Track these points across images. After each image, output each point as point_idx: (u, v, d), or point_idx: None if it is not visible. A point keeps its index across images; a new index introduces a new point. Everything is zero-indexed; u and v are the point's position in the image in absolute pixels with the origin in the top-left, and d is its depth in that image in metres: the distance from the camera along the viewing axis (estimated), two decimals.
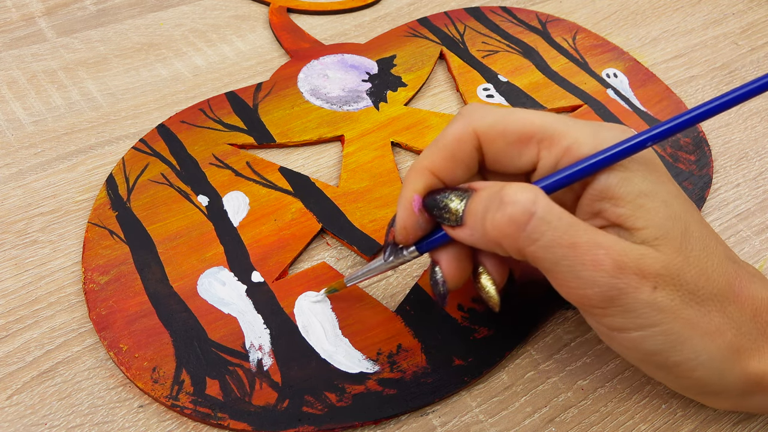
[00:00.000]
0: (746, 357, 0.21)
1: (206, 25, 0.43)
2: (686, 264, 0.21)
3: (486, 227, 0.21)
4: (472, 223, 0.22)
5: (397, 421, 0.25)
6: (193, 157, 0.34)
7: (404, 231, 0.23)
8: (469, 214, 0.22)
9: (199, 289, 0.28)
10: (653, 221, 0.21)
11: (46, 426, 0.24)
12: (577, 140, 0.22)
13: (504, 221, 0.21)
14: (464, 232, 0.22)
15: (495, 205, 0.21)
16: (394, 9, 0.46)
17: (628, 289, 0.20)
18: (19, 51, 0.40)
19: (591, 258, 0.20)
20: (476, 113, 0.23)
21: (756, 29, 0.46)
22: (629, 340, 0.22)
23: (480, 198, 0.22)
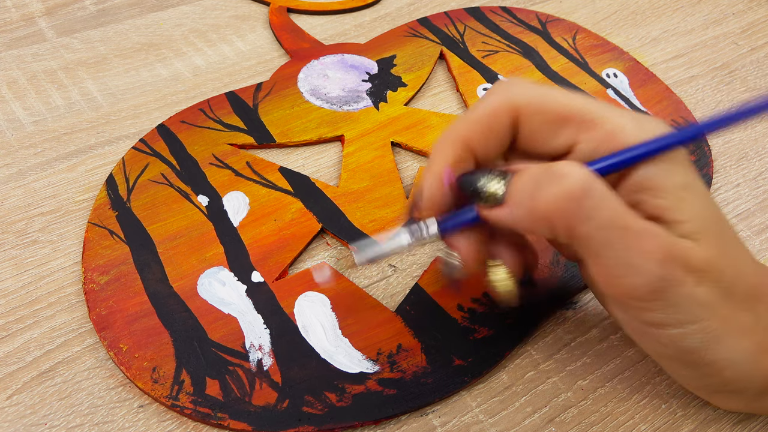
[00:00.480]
0: None
1: (206, 25, 0.43)
2: (725, 260, 0.21)
3: (537, 204, 0.20)
4: (518, 200, 0.21)
5: (397, 421, 0.25)
6: (193, 157, 0.34)
7: (430, 203, 0.22)
8: (515, 192, 0.21)
9: (199, 289, 0.28)
10: (695, 214, 0.20)
11: (46, 426, 0.24)
12: (621, 126, 0.21)
13: (560, 195, 0.19)
14: (503, 211, 0.21)
15: (548, 180, 0.20)
16: (394, 9, 0.46)
17: (674, 281, 0.20)
18: (19, 51, 0.40)
19: (642, 244, 0.20)
20: (517, 87, 0.22)
21: (756, 29, 0.46)
22: (667, 336, 0.21)
23: (529, 175, 0.21)
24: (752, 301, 0.21)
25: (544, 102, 0.22)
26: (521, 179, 0.21)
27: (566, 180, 0.20)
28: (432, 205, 0.23)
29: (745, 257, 0.22)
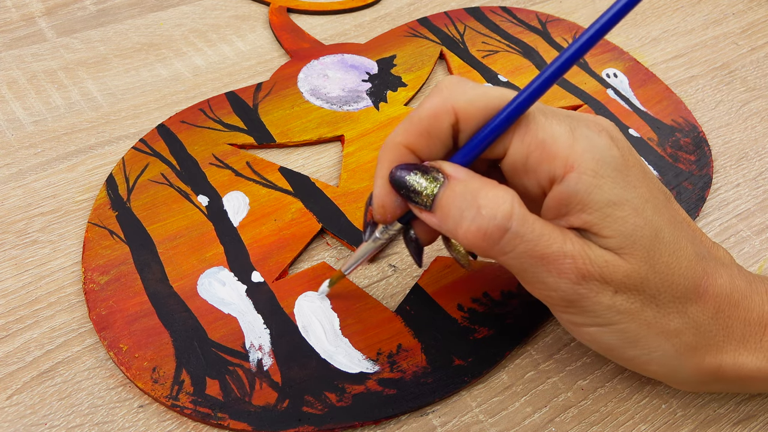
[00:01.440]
0: (702, 353, 0.22)
1: (206, 25, 0.43)
2: (651, 272, 0.21)
3: (459, 231, 0.21)
4: (443, 217, 0.21)
5: (397, 421, 0.25)
6: (193, 157, 0.34)
7: (382, 209, 0.23)
8: (441, 208, 0.21)
9: (199, 289, 0.28)
10: (620, 230, 0.21)
11: (46, 426, 0.24)
12: (553, 137, 0.21)
13: (478, 234, 0.20)
14: (433, 220, 0.22)
15: (470, 213, 0.20)
16: (394, 9, 0.46)
17: (589, 294, 0.21)
18: (19, 51, 0.40)
19: (557, 267, 0.21)
20: (455, 88, 0.22)
21: (756, 29, 0.46)
22: (587, 333, 0.23)
23: (454, 195, 0.21)
24: (682, 303, 0.22)
25: (486, 102, 0.22)
26: (446, 196, 0.21)
27: (485, 219, 0.20)
28: (384, 211, 0.23)
29: (681, 262, 0.22)
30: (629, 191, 0.21)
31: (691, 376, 0.23)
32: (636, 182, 0.21)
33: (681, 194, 0.34)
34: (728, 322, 0.22)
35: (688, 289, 0.22)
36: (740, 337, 0.23)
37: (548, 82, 0.21)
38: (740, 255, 0.32)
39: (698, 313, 0.22)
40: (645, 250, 0.21)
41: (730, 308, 0.22)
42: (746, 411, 0.26)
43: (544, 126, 0.21)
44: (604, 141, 0.21)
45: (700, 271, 0.22)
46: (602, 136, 0.21)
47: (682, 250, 0.22)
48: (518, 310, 0.28)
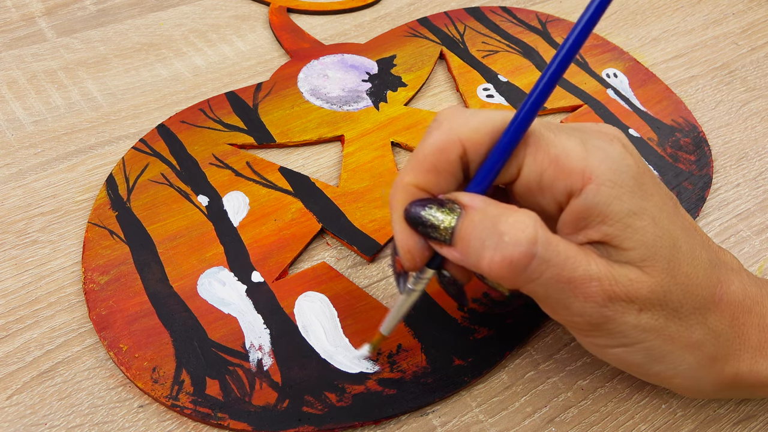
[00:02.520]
0: (722, 363, 0.22)
1: (206, 25, 0.43)
2: (673, 284, 0.21)
3: (481, 263, 0.20)
4: (465, 250, 0.20)
5: (397, 421, 0.25)
6: (193, 157, 0.34)
7: (409, 255, 0.22)
8: (461, 240, 0.20)
9: (199, 289, 0.28)
10: (642, 241, 0.20)
11: (46, 426, 0.24)
12: (566, 151, 0.21)
13: (504, 264, 0.19)
14: (454, 254, 0.21)
15: (493, 242, 0.19)
16: (394, 9, 0.46)
17: (615, 315, 0.20)
18: (19, 51, 0.40)
19: (583, 291, 0.20)
20: (457, 119, 0.21)
21: (756, 29, 0.46)
22: (613, 354, 0.22)
23: (473, 225, 0.20)
24: (702, 314, 0.21)
25: (491, 128, 0.21)
26: (465, 226, 0.20)
27: (509, 247, 0.19)
28: (412, 257, 0.22)
29: (699, 271, 0.21)
30: (647, 200, 0.21)
31: (710, 386, 0.22)
32: (651, 190, 0.21)
33: (681, 194, 0.34)
34: (743, 330, 0.22)
35: (706, 299, 0.21)
36: (756, 344, 0.22)
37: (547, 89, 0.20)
38: (740, 255, 0.32)
39: (716, 322, 0.22)
40: (666, 261, 0.20)
41: (744, 315, 0.22)
42: (746, 411, 0.26)
43: (554, 142, 0.21)
44: (617, 150, 0.21)
45: (715, 279, 0.22)
46: (615, 145, 0.21)
47: (698, 259, 0.22)
48: (518, 310, 0.28)
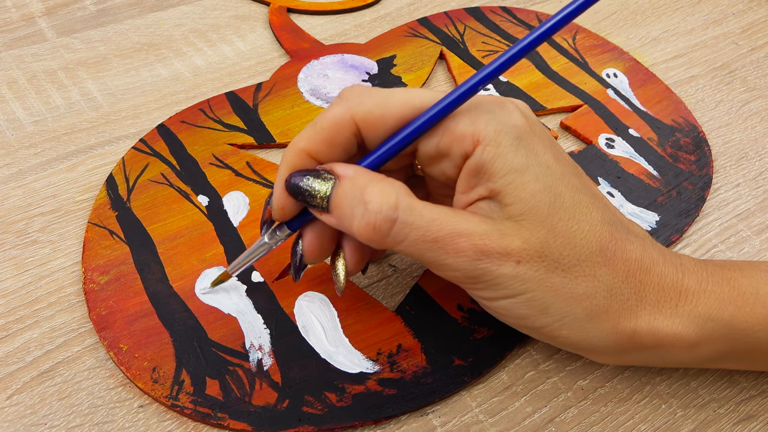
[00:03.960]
0: (616, 317, 0.22)
1: (206, 25, 0.43)
2: (551, 235, 0.22)
3: (353, 227, 0.22)
4: (339, 216, 0.22)
5: (397, 421, 0.25)
6: (193, 157, 0.34)
7: (281, 211, 0.24)
8: (335, 207, 0.22)
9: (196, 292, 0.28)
10: (520, 197, 0.22)
11: (46, 426, 0.24)
12: (454, 118, 0.22)
13: (369, 228, 0.21)
14: (332, 220, 0.23)
15: (359, 210, 0.21)
16: (394, 9, 0.46)
17: (491, 267, 0.21)
18: (19, 51, 0.40)
19: (453, 247, 0.21)
20: (355, 98, 0.23)
21: (756, 29, 0.46)
22: (499, 307, 0.23)
23: (344, 193, 0.22)
24: (590, 266, 0.22)
25: (383, 110, 0.22)
26: (338, 195, 0.22)
27: (371, 214, 0.21)
28: (283, 213, 0.24)
29: (583, 225, 0.22)
30: (531, 158, 0.22)
31: (607, 343, 0.23)
32: (539, 149, 0.22)
33: (681, 194, 0.34)
34: (640, 287, 0.23)
35: (593, 252, 0.22)
36: (654, 302, 0.23)
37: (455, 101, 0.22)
38: (740, 255, 0.32)
39: (608, 276, 0.22)
40: (543, 215, 0.22)
41: (642, 273, 0.23)
42: (746, 411, 0.26)
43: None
44: (505, 112, 0.22)
45: (606, 235, 0.23)
46: (506, 108, 0.23)
47: (585, 215, 0.22)
48: None
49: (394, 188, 0.21)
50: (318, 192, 0.22)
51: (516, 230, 0.22)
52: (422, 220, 0.21)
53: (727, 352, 0.23)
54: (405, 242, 0.21)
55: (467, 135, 0.22)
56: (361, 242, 0.24)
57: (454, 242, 0.21)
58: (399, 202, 0.21)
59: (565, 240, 0.22)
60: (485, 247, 0.21)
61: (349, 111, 0.23)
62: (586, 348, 0.23)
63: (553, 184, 0.22)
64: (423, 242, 0.21)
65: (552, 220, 0.22)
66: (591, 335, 0.23)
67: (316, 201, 0.22)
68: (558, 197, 0.22)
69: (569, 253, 0.22)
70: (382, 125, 0.23)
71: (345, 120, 0.23)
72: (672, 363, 0.24)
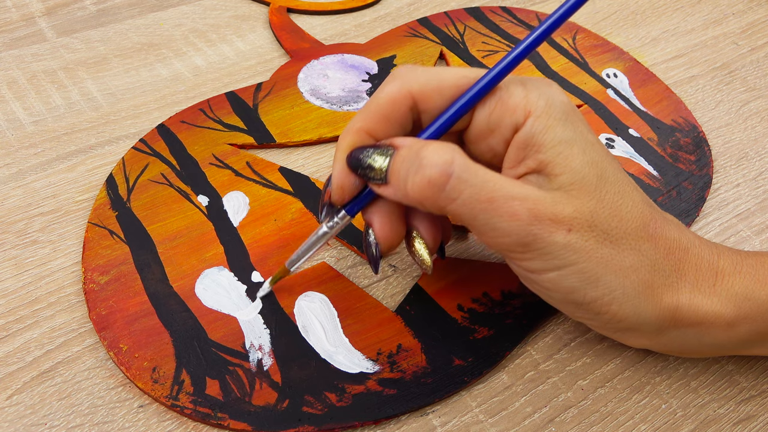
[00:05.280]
0: (660, 292, 0.23)
1: (206, 25, 0.43)
2: (600, 206, 0.22)
3: (407, 189, 0.22)
4: (396, 182, 0.22)
5: (397, 421, 0.25)
6: (193, 157, 0.34)
7: (340, 190, 0.24)
8: (392, 174, 0.22)
9: (198, 289, 0.28)
10: (570, 167, 0.22)
11: (46, 426, 0.24)
12: (508, 90, 0.23)
13: (424, 184, 0.21)
14: (389, 191, 0.23)
15: (414, 168, 0.22)
16: (394, 9, 0.46)
17: (543, 234, 0.22)
18: (19, 51, 0.40)
19: (507, 210, 0.21)
20: (410, 73, 0.23)
21: (756, 29, 0.46)
22: (548, 280, 0.23)
23: (401, 158, 0.22)
24: (635, 240, 0.22)
25: (439, 81, 0.23)
26: (395, 161, 0.22)
27: (427, 168, 0.21)
28: (342, 192, 0.24)
29: (627, 201, 0.23)
30: (577, 133, 0.23)
31: (651, 319, 0.23)
32: (582, 128, 0.23)
33: (681, 194, 0.34)
34: (680, 265, 0.23)
35: (638, 227, 0.23)
36: (693, 280, 0.23)
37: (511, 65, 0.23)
38: None
39: (651, 251, 0.23)
40: (592, 186, 0.22)
41: (681, 252, 0.23)
42: (746, 411, 0.26)
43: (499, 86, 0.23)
44: (553, 88, 0.23)
45: (648, 213, 0.23)
46: (552, 86, 0.23)
47: (628, 193, 0.23)
48: (518, 310, 0.28)
49: (449, 147, 0.22)
50: (377, 163, 0.23)
51: (567, 199, 0.22)
52: (477, 179, 0.21)
53: (764, 333, 0.24)
54: (459, 200, 0.21)
55: (519, 106, 0.22)
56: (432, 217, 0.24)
57: (509, 204, 0.21)
58: (455, 158, 0.21)
59: (613, 212, 0.22)
60: (538, 212, 0.21)
61: (405, 86, 0.23)
62: (631, 325, 0.23)
63: (598, 159, 0.23)
64: (477, 201, 0.21)
65: (600, 192, 0.22)
66: (638, 310, 0.23)
67: (375, 173, 0.23)
68: (604, 172, 0.23)
69: (617, 225, 0.22)
70: (439, 96, 0.23)
71: (401, 95, 0.23)
72: (709, 346, 0.24)
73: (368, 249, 0.25)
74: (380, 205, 0.24)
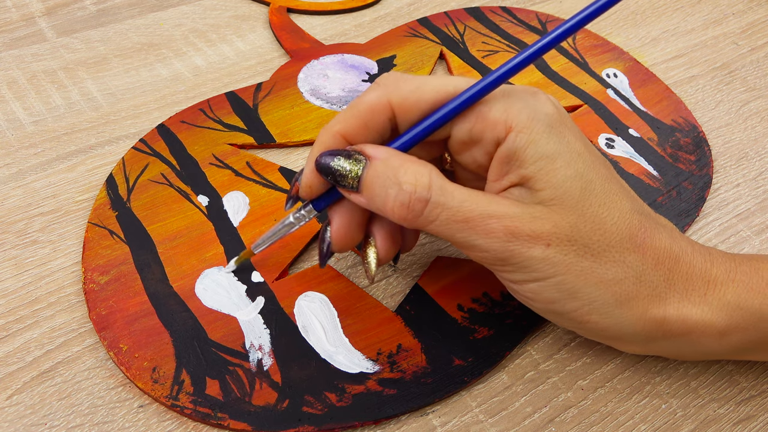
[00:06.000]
0: (644, 303, 0.23)
1: (206, 25, 0.43)
2: (581, 220, 0.22)
3: (385, 206, 0.22)
4: (369, 195, 0.23)
5: (397, 421, 0.25)
6: (193, 157, 0.34)
7: (308, 189, 0.24)
8: (365, 186, 0.23)
9: (198, 289, 0.28)
10: (551, 182, 0.22)
11: (46, 426, 0.24)
12: (488, 104, 0.23)
13: (403, 208, 0.22)
14: (361, 200, 0.23)
15: (393, 190, 0.22)
16: (394, 9, 0.46)
17: (521, 249, 0.22)
18: (19, 51, 0.40)
19: (483, 228, 0.22)
20: (393, 84, 0.23)
21: (756, 29, 0.46)
22: (529, 290, 0.23)
23: (377, 174, 0.22)
24: (619, 252, 0.22)
25: (418, 96, 0.23)
26: (369, 174, 0.22)
27: (405, 194, 0.22)
28: (310, 191, 0.24)
29: (614, 212, 0.22)
30: (562, 145, 0.22)
31: (636, 330, 0.23)
32: (570, 137, 0.23)
33: (681, 194, 0.34)
34: (669, 275, 0.23)
35: (623, 238, 0.22)
36: (683, 290, 0.23)
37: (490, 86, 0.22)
38: None
39: (638, 262, 0.22)
40: (574, 200, 0.22)
41: (671, 261, 0.23)
42: (746, 411, 0.26)
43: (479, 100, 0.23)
44: (538, 100, 0.23)
45: (636, 223, 0.23)
46: (537, 97, 0.23)
47: (615, 203, 0.23)
48: (518, 310, 0.28)
49: (426, 169, 0.22)
50: (349, 172, 0.23)
51: (547, 214, 0.22)
52: (454, 201, 0.22)
53: (756, 342, 0.24)
54: (436, 222, 0.22)
55: (500, 121, 0.22)
56: (391, 230, 0.24)
57: (485, 223, 0.22)
58: (432, 182, 0.22)
59: (596, 225, 0.22)
60: (516, 229, 0.22)
61: (385, 95, 0.23)
62: (615, 335, 0.23)
63: (584, 170, 0.22)
64: (454, 222, 0.22)
65: (583, 206, 0.22)
66: (620, 321, 0.23)
67: (347, 181, 0.23)
68: (589, 184, 0.22)
69: (599, 238, 0.22)
70: (416, 109, 0.23)
71: (381, 104, 0.23)
72: (702, 354, 0.24)
73: (321, 243, 0.26)
74: (345, 205, 0.25)
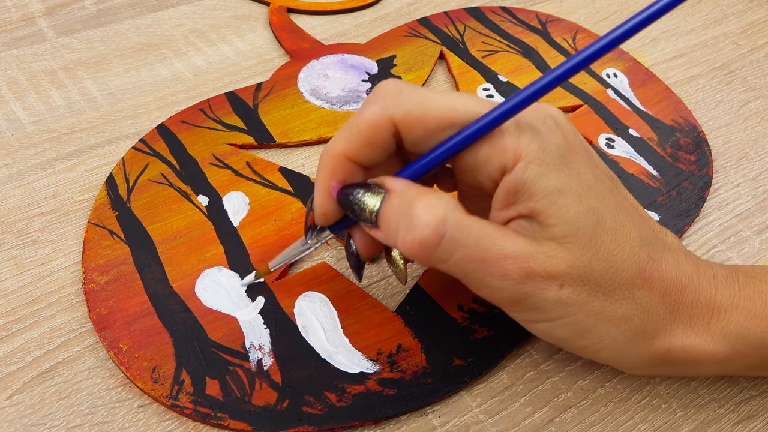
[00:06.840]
0: (651, 337, 0.22)
1: (206, 25, 0.43)
2: (594, 259, 0.21)
3: (400, 244, 0.21)
4: (386, 230, 0.22)
5: (397, 421, 0.25)
6: (193, 157, 0.34)
7: (324, 217, 0.24)
8: (383, 221, 0.22)
9: (198, 289, 0.28)
10: (564, 218, 0.21)
11: (46, 426, 0.24)
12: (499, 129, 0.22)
13: (415, 244, 0.21)
14: (380, 235, 0.22)
15: (405, 224, 0.21)
16: (394, 9, 0.46)
17: (535, 291, 0.21)
18: (19, 51, 0.40)
19: (499, 269, 0.21)
20: (393, 98, 0.22)
21: (756, 29, 0.46)
22: (539, 329, 0.23)
23: (392, 208, 0.21)
24: (629, 289, 0.22)
25: (422, 113, 0.22)
26: (386, 210, 0.22)
27: (418, 229, 0.20)
28: (326, 218, 0.24)
29: (625, 247, 0.22)
30: (573, 178, 0.21)
31: (641, 361, 0.23)
32: (580, 168, 0.22)
33: (681, 194, 0.34)
34: (675, 306, 0.23)
35: (633, 275, 0.22)
36: (687, 320, 0.23)
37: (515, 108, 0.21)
38: (740, 255, 0.32)
39: (645, 297, 0.22)
40: (588, 238, 0.21)
41: (677, 292, 0.23)
42: (746, 411, 0.26)
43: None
44: (548, 129, 0.22)
45: (644, 257, 0.22)
46: (547, 123, 0.22)
47: (625, 237, 0.22)
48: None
49: (442, 202, 0.21)
50: (367, 206, 0.22)
51: (561, 253, 0.21)
52: (470, 238, 0.21)
53: (756, 366, 0.24)
54: (451, 260, 0.21)
55: (509, 149, 0.21)
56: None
57: (501, 264, 0.21)
58: (447, 217, 0.20)
59: (608, 263, 0.21)
60: (531, 270, 0.21)
61: (386, 111, 0.22)
62: (620, 366, 0.24)
63: (595, 205, 0.22)
64: (469, 261, 0.21)
65: (596, 243, 0.21)
66: (628, 355, 0.23)
67: (365, 215, 0.22)
68: (601, 219, 0.22)
69: (611, 276, 0.22)
70: (421, 127, 0.22)
71: (383, 121, 0.22)
72: (702, 375, 0.25)
73: (350, 258, 0.25)
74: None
